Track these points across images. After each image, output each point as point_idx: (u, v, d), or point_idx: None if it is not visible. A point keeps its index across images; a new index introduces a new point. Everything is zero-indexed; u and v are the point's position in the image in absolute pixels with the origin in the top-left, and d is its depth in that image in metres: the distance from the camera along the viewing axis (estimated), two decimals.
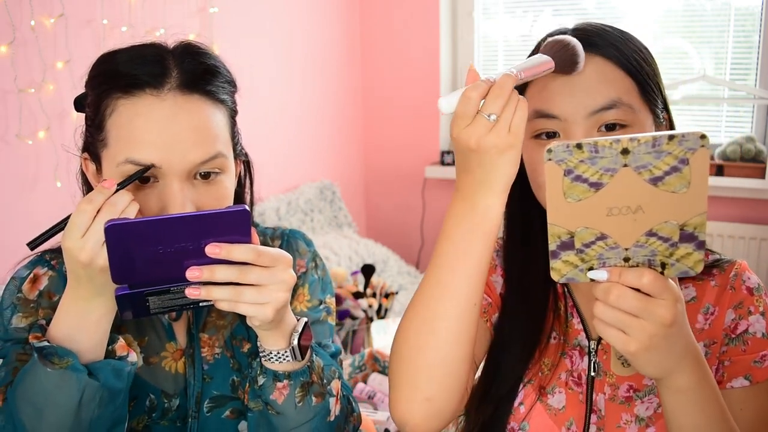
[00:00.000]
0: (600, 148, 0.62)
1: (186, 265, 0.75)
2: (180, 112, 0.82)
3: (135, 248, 0.73)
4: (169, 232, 0.73)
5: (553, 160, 0.64)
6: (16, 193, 1.75)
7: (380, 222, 3.34)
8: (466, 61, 3.08)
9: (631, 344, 0.67)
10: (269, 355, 0.85)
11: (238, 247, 0.75)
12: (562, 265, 0.69)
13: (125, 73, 0.83)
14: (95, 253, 0.75)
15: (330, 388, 0.90)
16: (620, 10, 2.76)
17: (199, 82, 0.85)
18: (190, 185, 0.83)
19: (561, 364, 0.90)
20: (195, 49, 0.88)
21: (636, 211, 0.64)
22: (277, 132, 2.71)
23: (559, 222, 0.66)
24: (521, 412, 0.89)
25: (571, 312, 0.91)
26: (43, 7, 1.76)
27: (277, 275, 0.78)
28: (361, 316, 2.26)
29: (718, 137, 2.70)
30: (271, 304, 0.78)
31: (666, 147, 0.62)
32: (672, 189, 0.63)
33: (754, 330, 0.85)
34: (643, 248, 0.66)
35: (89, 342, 0.80)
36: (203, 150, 0.83)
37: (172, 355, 0.94)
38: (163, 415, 0.92)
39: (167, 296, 0.79)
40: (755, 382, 0.83)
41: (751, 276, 0.88)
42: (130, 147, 0.81)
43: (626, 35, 0.84)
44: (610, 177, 0.63)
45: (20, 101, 1.73)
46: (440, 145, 3.11)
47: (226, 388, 0.95)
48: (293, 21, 2.75)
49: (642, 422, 0.85)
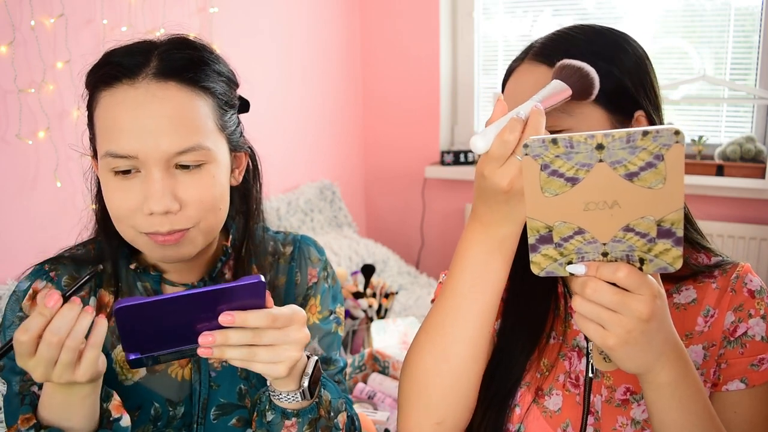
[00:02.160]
0: (575, 144, 0.63)
1: (199, 329, 0.74)
2: (153, 99, 0.80)
3: (145, 324, 0.73)
4: (181, 309, 0.72)
5: (530, 154, 0.64)
6: (16, 193, 1.75)
7: (380, 222, 3.34)
8: (466, 61, 3.08)
9: (609, 338, 0.67)
10: (279, 396, 0.84)
11: (253, 314, 0.74)
12: (542, 259, 0.69)
13: (110, 65, 0.83)
14: (48, 374, 0.74)
15: (337, 422, 0.90)
16: (620, 10, 2.76)
17: (178, 69, 0.83)
18: (170, 176, 0.82)
19: (559, 365, 0.90)
20: (184, 41, 0.87)
21: (612, 206, 0.65)
22: (277, 132, 2.71)
23: (537, 216, 0.67)
24: (517, 414, 0.89)
25: (570, 312, 0.91)
26: (43, 7, 1.76)
27: (291, 335, 0.77)
28: (361, 316, 2.26)
29: (718, 137, 2.70)
30: (285, 363, 0.77)
31: (640, 143, 0.62)
32: (648, 185, 0.63)
33: (753, 333, 0.84)
34: (621, 243, 0.66)
35: (77, 418, 0.80)
36: (179, 139, 0.81)
37: (178, 362, 0.93)
38: (168, 423, 0.92)
39: (178, 353, 0.78)
40: (751, 385, 0.83)
41: (753, 278, 0.87)
42: (108, 138, 0.81)
43: (605, 40, 0.84)
44: (586, 172, 0.64)
45: (20, 101, 1.72)
46: (440, 145, 3.11)
47: (233, 396, 0.94)
48: (293, 21, 2.75)
49: (638, 425, 0.85)
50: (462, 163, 3.03)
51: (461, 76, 3.12)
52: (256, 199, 0.99)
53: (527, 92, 0.80)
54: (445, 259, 3.18)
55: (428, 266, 3.21)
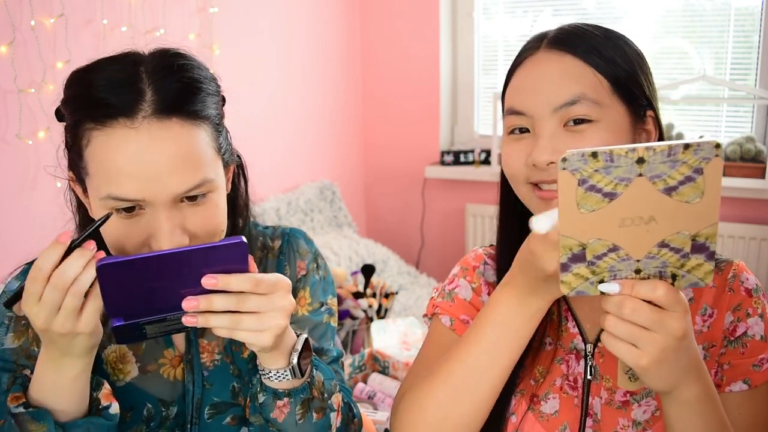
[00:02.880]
0: (615, 157, 0.61)
1: (183, 294, 0.74)
2: (155, 142, 0.76)
3: (129, 284, 0.72)
4: (164, 268, 0.71)
5: (568, 169, 0.62)
6: (16, 193, 1.75)
7: (380, 222, 3.34)
8: (466, 61, 3.08)
9: (643, 358, 0.66)
10: (269, 374, 0.84)
11: (235, 277, 0.74)
12: (573, 278, 0.67)
13: (97, 101, 0.78)
14: (50, 321, 0.73)
15: (331, 403, 0.89)
16: (620, 10, 2.76)
17: (177, 103, 0.78)
18: (177, 210, 0.79)
19: (555, 370, 0.89)
20: (172, 61, 0.82)
21: (649, 222, 0.63)
22: (277, 132, 2.71)
23: (571, 233, 0.64)
24: (513, 422, 0.88)
25: (565, 316, 0.91)
26: (43, 7, 1.76)
27: (275, 302, 0.76)
28: (361, 316, 2.26)
29: (718, 137, 2.70)
30: (270, 331, 0.77)
31: (681, 156, 0.60)
32: (685, 199, 0.62)
33: (752, 333, 0.84)
34: (655, 259, 0.65)
35: (66, 400, 0.79)
36: (185, 179, 0.78)
37: (170, 362, 0.93)
38: (161, 424, 0.91)
39: (164, 323, 0.77)
40: (754, 386, 0.83)
41: (749, 277, 0.87)
42: (108, 182, 0.77)
43: (610, 35, 0.84)
44: (625, 187, 0.62)
45: (20, 101, 1.72)
46: (440, 145, 3.11)
47: (226, 395, 0.93)
48: (293, 21, 2.75)
49: (639, 426, 0.85)
50: (462, 163, 3.02)
51: (461, 76, 3.12)
52: (243, 200, 0.98)
53: (554, 80, 0.80)
54: (445, 259, 3.18)
55: (428, 266, 3.21)
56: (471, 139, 3.15)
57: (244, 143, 0.96)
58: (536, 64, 0.83)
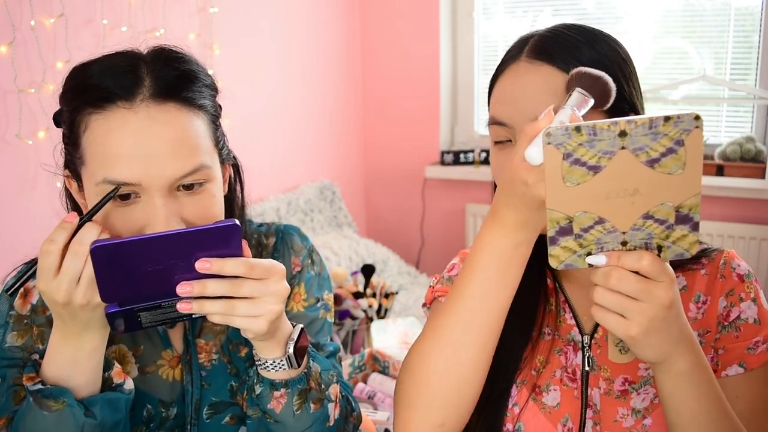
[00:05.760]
0: (598, 131, 0.63)
1: (177, 279, 0.74)
2: (154, 123, 0.77)
3: (123, 268, 0.71)
4: (158, 251, 0.71)
5: (552, 143, 0.63)
6: (16, 193, 1.75)
7: (380, 222, 3.34)
8: (466, 61, 3.08)
9: (632, 328, 0.67)
10: (265, 364, 0.84)
11: (229, 261, 0.74)
12: (561, 251, 0.69)
13: (96, 86, 0.79)
14: (71, 292, 0.73)
15: (328, 393, 0.89)
16: (620, 10, 2.76)
17: (174, 88, 0.80)
18: (173, 198, 0.79)
19: (555, 361, 0.90)
20: (169, 54, 0.83)
21: (633, 194, 0.65)
22: (277, 132, 2.71)
23: (558, 207, 0.66)
24: (515, 412, 0.89)
25: (563, 307, 0.92)
26: (43, 7, 1.76)
27: (270, 287, 0.76)
28: (361, 316, 2.26)
29: (718, 137, 2.70)
30: (265, 317, 0.77)
31: (662, 129, 0.62)
32: (668, 170, 0.64)
33: (746, 316, 0.86)
34: (640, 231, 0.67)
35: (83, 377, 0.79)
36: (183, 163, 0.78)
37: (168, 363, 0.93)
38: (161, 425, 0.91)
39: (159, 311, 0.77)
40: (749, 369, 0.84)
41: (740, 263, 0.89)
42: (105, 165, 0.77)
43: (593, 38, 0.84)
44: (608, 160, 0.64)
45: (20, 101, 1.73)
46: (440, 145, 3.11)
47: (224, 394, 0.94)
48: (293, 21, 2.75)
49: (638, 414, 0.85)
50: (462, 163, 3.03)
51: (461, 76, 3.12)
52: (239, 203, 0.98)
53: (538, 92, 0.80)
54: (445, 258, 3.18)
55: (428, 266, 3.21)
56: (471, 139, 3.16)
57: (244, 143, 0.96)
58: (516, 76, 0.84)
